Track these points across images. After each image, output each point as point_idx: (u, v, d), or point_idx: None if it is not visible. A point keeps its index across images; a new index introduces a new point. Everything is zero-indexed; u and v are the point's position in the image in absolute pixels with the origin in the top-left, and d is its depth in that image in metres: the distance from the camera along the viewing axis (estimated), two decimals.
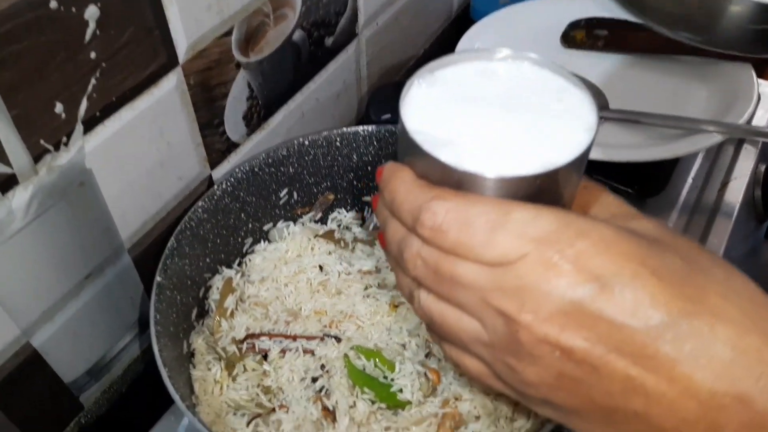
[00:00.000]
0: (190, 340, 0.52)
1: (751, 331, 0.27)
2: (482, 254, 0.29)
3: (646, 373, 0.27)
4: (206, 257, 0.54)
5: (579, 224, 0.29)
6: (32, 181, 0.46)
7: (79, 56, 0.45)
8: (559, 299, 0.28)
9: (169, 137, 0.56)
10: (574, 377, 0.29)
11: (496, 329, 0.30)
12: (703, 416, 0.27)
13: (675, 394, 0.27)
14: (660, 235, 0.31)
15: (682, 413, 0.27)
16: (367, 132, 0.57)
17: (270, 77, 0.66)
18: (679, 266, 0.29)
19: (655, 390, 0.27)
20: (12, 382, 0.51)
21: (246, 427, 0.47)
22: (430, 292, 0.32)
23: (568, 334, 0.28)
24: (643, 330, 0.27)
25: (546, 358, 0.29)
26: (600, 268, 0.28)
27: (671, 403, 0.27)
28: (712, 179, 0.77)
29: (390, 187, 0.32)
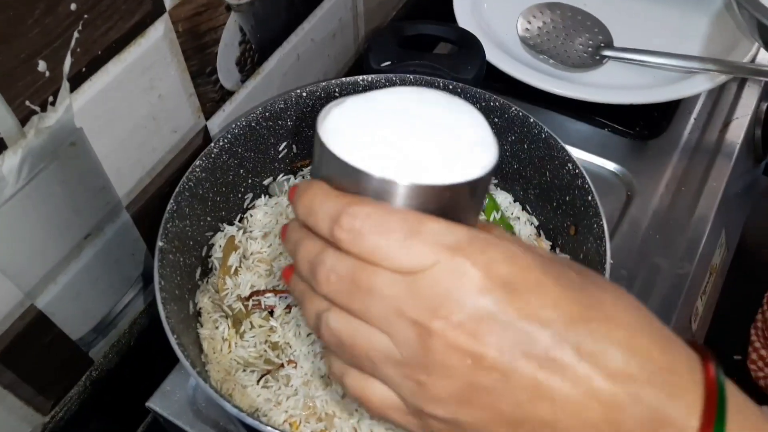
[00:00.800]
0: (195, 300, 0.52)
1: (641, 334, 0.29)
2: (398, 259, 0.28)
3: (552, 376, 0.28)
4: (207, 216, 0.53)
5: (488, 237, 0.29)
6: (21, 145, 0.44)
7: (59, 8, 0.43)
8: (469, 306, 0.28)
9: (160, 89, 0.54)
10: (484, 386, 0.29)
11: (408, 341, 0.29)
12: (605, 417, 0.28)
13: (579, 395, 0.28)
14: (554, 257, 0.32)
15: (586, 415, 0.28)
16: (366, 81, 0.55)
17: (262, 19, 0.63)
18: (576, 278, 0.30)
19: (561, 393, 0.28)
20: (20, 343, 0.51)
21: (257, 384, 0.47)
22: (341, 311, 0.31)
23: (479, 341, 0.28)
24: (547, 334, 0.28)
25: (457, 367, 0.28)
26: (507, 276, 0.28)
27: (576, 406, 0.28)
28: (713, 119, 0.75)
29: (305, 198, 0.31)
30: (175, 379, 0.56)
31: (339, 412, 0.46)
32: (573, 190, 0.50)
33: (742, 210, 0.86)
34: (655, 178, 0.71)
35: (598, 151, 0.73)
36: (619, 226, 0.68)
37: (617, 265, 0.64)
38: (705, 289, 0.70)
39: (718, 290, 0.78)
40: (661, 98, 0.69)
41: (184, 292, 0.50)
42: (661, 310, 0.61)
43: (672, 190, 0.70)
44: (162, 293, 0.44)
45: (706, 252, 0.67)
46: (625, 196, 0.71)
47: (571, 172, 0.50)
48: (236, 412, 0.39)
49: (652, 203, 0.69)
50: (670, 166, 0.72)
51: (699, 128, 0.76)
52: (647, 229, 0.67)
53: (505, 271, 0.28)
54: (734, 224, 0.82)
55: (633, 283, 0.63)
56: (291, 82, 0.72)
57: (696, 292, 0.67)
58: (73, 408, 0.60)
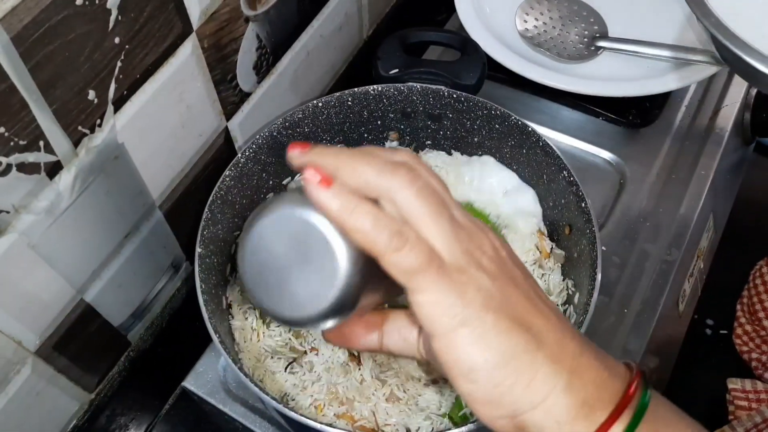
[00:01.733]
0: (227, 294, 0.58)
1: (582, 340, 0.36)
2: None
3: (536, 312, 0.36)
4: (234, 218, 0.59)
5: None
6: (74, 164, 0.49)
7: (105, 43, 0.47)
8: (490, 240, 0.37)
9: (188, 100, 0.59)
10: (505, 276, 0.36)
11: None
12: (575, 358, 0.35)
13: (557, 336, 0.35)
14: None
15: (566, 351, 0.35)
16: (377, 91, 0.60)
17: (276, 24, 0.67)
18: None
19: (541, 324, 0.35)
20: (71, 332, 0.57)
21: (284, 371, 0.54)
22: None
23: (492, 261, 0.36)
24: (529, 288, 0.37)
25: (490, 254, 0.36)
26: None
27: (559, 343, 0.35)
28: (704, 106, 0.79)
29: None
30: (207, 361, 0.62)
31: (358, 396, 0.52)
32: (568, 195, 0.55)
33: (732, 190, 0.90)
34: (647, 165, 0.76)
35: (592, 139, 0.78)
36: (611, 213, 0.73)
37: (609, 252, 0.70)
38: (692, 272, 0.76)
39: (707, 269, 0.83)
40: (655, 90, 0.73)
41: (218, 288, 0.56)
42: (650, 294, 0.67)
43: (663, 177, 0.75)
44: (203, 296, 0.49)
45: (693, 238, 0.72)
46: (618, 183, 0.75)
47: (567, 179, 0.55)
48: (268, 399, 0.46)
49: (643, 190, 0.74)
50: (662, 153, 0.77)
51: (690, 116, 0.80)
52: (638, 216, 0.73)
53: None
54: (723, 206, 0.86)
55: (624, 268, 0.69)
56: (302, 77, 0.76)
57: (683, 276, 0.72)
58: (115, 385, 0.66)
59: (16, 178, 0.45)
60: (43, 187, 0.48)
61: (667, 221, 0.71)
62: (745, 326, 0.80)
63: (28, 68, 0.42)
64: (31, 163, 0.46)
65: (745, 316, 0.81)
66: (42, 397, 0.57)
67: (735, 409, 0.72)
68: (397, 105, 0.61)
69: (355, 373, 0.53)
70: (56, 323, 0.55)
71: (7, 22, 0.40)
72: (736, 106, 0.78)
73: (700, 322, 0.83)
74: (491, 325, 0.33)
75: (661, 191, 0.74)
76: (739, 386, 0.72)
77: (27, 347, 0.53)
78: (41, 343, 0.54)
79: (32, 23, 0.41)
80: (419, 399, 0.54)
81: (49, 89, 0.44)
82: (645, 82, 0.73)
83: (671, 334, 0.75)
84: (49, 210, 0.49)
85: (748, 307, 0.81)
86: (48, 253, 0.51)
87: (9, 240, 0.47)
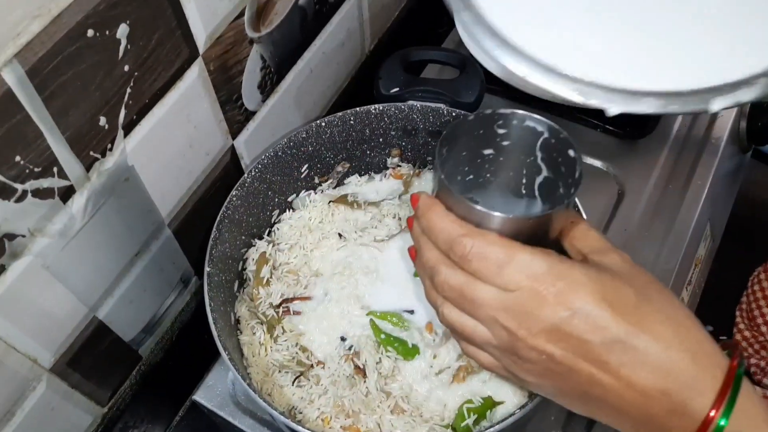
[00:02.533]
0: (235, 310, 0.60)
1: (673, 347, 0.38)
2: (493, 281, 0.40)
3: (602, 373, 0.39)
4: (242, 235, 0.60)
5: (560, 268, 0.40)
6: (86, 187, 0.51)
7: (115, 72, 0.49)
8: (544, 321, 0.39)
9: (195, 121, 0.60)
10: (556, 372, 0.40)
11: (502, 338, 0.41)
12: (641, 402, 0.39)
13: (621, 387, 0.39)
14: (622, 269, 0.41)
15: (626, 399, 0.39)
16: (378, 110, 0.61)
17: (280, 44, 0.69)
18: (631, 298, 0.39)
19: (608, 383, 0.39)
20: (84, 349, 0.59)
21: (292, 384, 0.55)
22: (454, 307, 0.43)
23: (551, 346, 0.40)
24: (599, 344, 0.39)
25: (536, 360, 0.40)
26: (573, 302, 0.39)
27: (618, 392, 0.39)
28: (700, 116, 0.80)
29: (427, 218, 0.43)
30: (216, 375, 0.64)
31: (364, 409, 0.54)
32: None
33: (729, 197, 0.92)
34: (644, 176, 0.77)
35: (591, 150, 0.79)
36: (610, 223, 0.74)
37: None
38: (690, 280, 0.77)
39: (705, 276, 0.85)
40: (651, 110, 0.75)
41: (227, 305, 0.57)
42: None
43: (660, 187, 0.77)
44: (213, 314, 0.51)
45: (690, 247, 0.74)
46: (616, 194, 0.77)
47: None
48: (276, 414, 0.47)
49: (641, 200, 0.75)
50: (659, 164, 0.78)
51: (686, 126, 0.81)
52: (636, 226, 0.74)
53: (571, 298, 0.39)
54: (721, 214, 0.88)
55: None
56: (305, 93, 0.78)
57: (681, 284, 0.74)
58: (127, 398, 0.68)
59: (32, 203, 0.47)
60: (56, 210, 0.49)
61: (664, 231, 0.73)
62: (744, 332, 0.81)
63: (42, 99, 0.44)
64: (45, 189, 0.48)
65: (744, 322, 0.82)
66: (57, 413, 0.58)
67: None
68: (399, 123, 0.63)
69: (361, 386, 0.55)
70: (70, 340, 0.57)
71: (22, 56, 0.42)
72: (732, 115, 0.80)
73: None
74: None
75: (658, 201, 0.76)
76: None
77: (42, 364, 0.55)
78: (55, 360, 0.56)
79: (46, 56, 0.43)
80: (423, 410, 0.55)
81: (62, 118, 0.46)
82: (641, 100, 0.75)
83: None
84: (63, 232, 0.51)
85: (747, 313, 0.82)
86: (62, 273, 0.52)
87: (25, 262, 0.49)
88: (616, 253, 0.42)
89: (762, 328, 0.79)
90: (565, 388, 0.41)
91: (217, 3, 0.57)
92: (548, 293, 0.39)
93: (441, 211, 0.42)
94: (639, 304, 0.39)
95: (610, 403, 0.40)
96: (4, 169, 0.44)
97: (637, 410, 0.39)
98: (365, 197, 0.66)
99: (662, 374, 0.38)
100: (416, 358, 0.57)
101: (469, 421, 0.54)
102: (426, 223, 0.43)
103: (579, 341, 0.39)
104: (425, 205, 0.43)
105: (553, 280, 0.39)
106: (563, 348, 0.39)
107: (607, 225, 0.74)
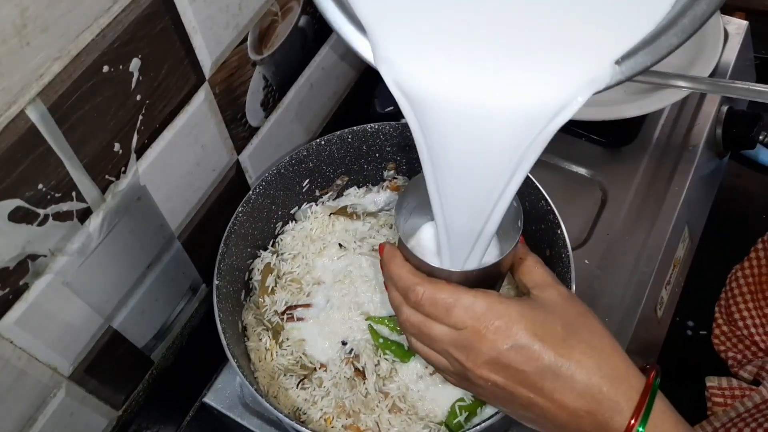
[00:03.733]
0: (242, 318, 0.64)
1: (595, 374, 0.44)
2: (444, 322, 0.47)
3: (538, 396, 0.45)
4: (247, 248, 0.64)
5: (498, 308, 0.46)
6: (102, 208, 0.55)
7: (128, 102, 0.53)
8: (486, 354, 0.45)
9: (203, 141, 0.64)
10: (501, 396, 0.47)
11: (456, 367, 0.48)
12: (572, 420, 0.45)
13: (554, 408, 0.45)
14: (555, 304, 0.47)
15: (560, 417, 0.45)
16: (373, 128, 0.66)
17: (282, 64, 0.72)
18: (559, 331, 0.45)
19: (544, 405, 0.45)
20: (101, 357, 0.63)
21: (296, 387, 0.59)
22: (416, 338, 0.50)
23: (493, 375, 0.46)
24: (533, 372, 0.45)
25: (483, 385, 0.47)
26: (509, 337, 0.45)
27: (553, 412, 0.45)
28: (679, 124, 0.84)
29: (388, 268, 0.50)
30: (225, 378, 0.68)
31: (364, 408, 0.58)
32: (546, 222, 0.60)
33: (707, 200, 0.96)
34: (626, 182, 0.81)
35: (576, 159, 0.83)
36: (594, 228, 0.78)
37: (592, 265, 0.75)
38: (669, 280, 0.81)
39: (684, 276, 0.89)
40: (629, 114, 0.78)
41: (234, 314, 0.62)
42: (629, 303, 0.73)
43: (641, 193, 0.80)
44: (222, 324, 0.55)
45: (669, 249, 0.78)
46: (600, 200, 0.81)
47: (545, 208, 0.60)
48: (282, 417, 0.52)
49: (624, 206, 0.79)
50: (640, 170, 0.82)
51: (666, 134, 0.85)
52: (619, 230, 0.78)
53: (507, 333, 0.45)
54: (698, 217, 0.92)
55: (606, 280, 0.74)
56: (306, 107, 0.82)
57: (660, 284, 0.78)
58: (140, 402, 0.72)
59: (52, 226, 0.51)
60: (75, 231, 0.53)
61: (644, 234, 0.77)
62: (723, 327, 0.85)
63: (62, 131, 0.48)
64: (65, 212, 0.51)
65: (723, 317, 0.86)
66: (75, 417, 0.63)
67: (712, 405, 0.77)
68: (393, 140, 0.67)
69: (360, 387, 0.59)
70: (87, 349, 0.61)
71: (45, 94, 0.45)
72: (708, 122, 0.83)
73: (681, 324, 0.89)
74: None
75: (639, 206, 0.79)
76: (716, 384, 0.78)
77: (61, 372, 0.59)
78: (74, 368, 0.60)
79: (66, 93, 0.47)
80: (419, 409, 0.59)
81: (80, 147, 0.50)
82: (623, 107, 0.78)
83: (651, 337, 0.80)
84: (81, 251, 0.55)
85: (725, 309, 0.86)
86: (80, 288, 0.56)
87: (46, 280, 0.53)
88: (554, 289, 0.49)
89: (739, 323, 0.84)
90: (510, 407, 0.48)
91: (222, 32, 0.60)
92: (487, 331, 0.45)
93: (399, 261, 0.49)
94: (566, 337, 0.45)
95: (548, 420, 0.46)
96: (28, 196, 0.47)
97: (570, 426, 0.45)
98: (364, 208, 0.70)
99: (587, 398, 0.44)
100: (412, 360, 0.61)
101: (461, 418, 0.58)
102: (387, 272, 0.50)
103: (516, 371, 0.45)
104: (387, 255, 0.50)
105: (492, 319, 0.45)
106: (504, 376, 0.46)
107: (591, 230, 0.78)
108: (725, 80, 0.84)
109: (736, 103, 0.91)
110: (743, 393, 0.76)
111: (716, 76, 0.86)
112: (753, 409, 0.73)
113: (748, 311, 0.84)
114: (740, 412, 0.74)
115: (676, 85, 0.76)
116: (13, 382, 0.53)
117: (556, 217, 0.59)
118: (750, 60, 1.00)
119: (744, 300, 0.85)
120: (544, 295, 0.48)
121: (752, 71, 1.02)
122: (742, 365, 0.80)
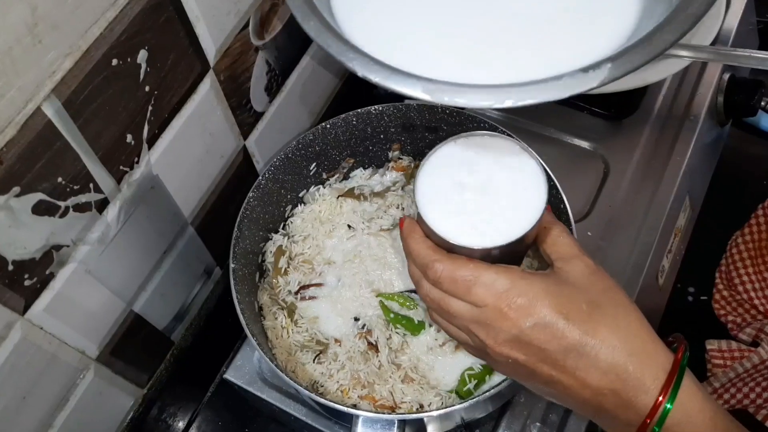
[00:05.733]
0: (257, 298, 0.66)
1: (620, 352, 0.44)
2: (464, 299, 0.47)
3: (560, 374, 0.45)
4: (260, 231, 0.67)
5: (521, 285, 0.45)
6: (118, 198, 0.57)
7: (138, 93, 0.55)
8: (507, 332, 0.45)
9: (210, 128, 0.66)
10: (521, 372, 0.47)
11: (476, 342, 0.48)
12: (595, 398, 0.45)
13: (577, 385, 0.45)
14: (581, 278, 0.47)
15: (582, 395, 0.45)
16: (378, 110, 0.67)
17: (284, 48, 0.74)
18: (584, 309, 0.45)
19: (566, 382, 0.45)
20: (124, 339, 0.65)
21: (313, 362, 0.62)
22: (436, 312, 0.50)
23: (515, 352, 0.46)
24: (556, 351, 0.44)
25: (503, 362, 0.47)
26: (532, 315, 0.45)
27: (575, 389, 0.45)
28: (680, 95, 0.85)
29: (407, 243, 0.50)
30: (244, 355, 0.70)
31: (378, 380, 0.60)
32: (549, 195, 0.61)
33: (708, 168, 0.96)
34: (628, 154, 0.82)
35: (577, 131, 0.84)
36: (596, 201, 0.80)
37: (595, 237, 0.77)
38: (671, 249, 0.83)
39: (685, 245, 0.90)
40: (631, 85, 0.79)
41: (250, 295, 0.64)
42: (631, 272, 0.74)
43: (642, 165, 0.81)
44: (239, 305, 0.57)
45: (670, 219, 0.79)
46: (602, 172, 0.82)
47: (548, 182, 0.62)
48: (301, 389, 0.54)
49: (625, 178, 0.80)
50: (642, 142, 0.83)
51: (667, 105, 0.86)
52: (621, 201, 0.79)
53: (528, 312, 0.44)
54: (700, 185, 0.93)
55: (609, 251, 0.76)
56: (309, 89, 0.83)
57: (662, 253, 0.79)
58: (163, 380, 0.75)
59: (73, 217, 0.53)
60: (94, 221, 0.56)
61: (646, 204, 0.78)
62: (723, 292, 0.87)
63: (77, 126, 0.50)
64: (84, 203, 0.54)
65: (723, 283, 0.88)
66: (104, 396, 0.66)
67: (712, 367, 0.79)
68: (398, 121, 0.68)
69: (374, 360, 0.61)
70: (111, 332, 0.63)
71: (58, 90, 0.47)
72: (710, 91, 0.84)
73: (683, 290, 0.91)
74: None
75: (641, 178, 0.80)
76: (716, 346, 0.80)
77: (89, 355, 0.61)
78: (100, 350, 0.63)
79: (78, 88, 0.49)
80: (430, 379, 0.62)
81: (94, 140, 0.52)
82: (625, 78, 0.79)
83: (653, 305, 0.82)
84: (101, 240, 0.57)
85: (726, 274, 0.88)
86: (101, 275, 0.59)
87: (70, 269, 0.55)
88: (580, 260, 0.47)
89: (739, 288, 0.85)
90: (531, 382, 0.48)
91: (224, 19, 0.62)
92: (509, 309, 0.45)
93: (418, 237, 0.49)
94: (591, 313, 0.44)
95: (569, 396, 0.46)
96: (49, 189, 0.50)
97: (592, 403, 0.45)
98: (371, 189, 0.72)
99: (611, 376, 0.44)
100: (422, 333, 0.63)
101: (470, 385, 0.60)
102: (406, 247, 0.50)
103: (538, 349, 0.45)
104: (406, 230, 0.50)
105: (514, 296, 0.45)
106: (525, 354, 0.45)
107: (594, 202, 0.79)
108: (727, 48, 0.85)
109: (737, 71, 0.91)
110: (742, 354, 0.78)
111: (718, 42, 0.87)
112: (751, 369, 0.75)
113: (748, 276, 0.85)
114: (739, 373, 0.76)
115: (678, 54, 0.77)
116: (46, 366, 0.56)
117: (559, 192, 0.60)
118: (753, 24, 1.00)
119: (744, 265, 0.86)
120: (568, 268, 0.47)
121: (755, 36, 1.02)
122: (741, 328, 0.82)
